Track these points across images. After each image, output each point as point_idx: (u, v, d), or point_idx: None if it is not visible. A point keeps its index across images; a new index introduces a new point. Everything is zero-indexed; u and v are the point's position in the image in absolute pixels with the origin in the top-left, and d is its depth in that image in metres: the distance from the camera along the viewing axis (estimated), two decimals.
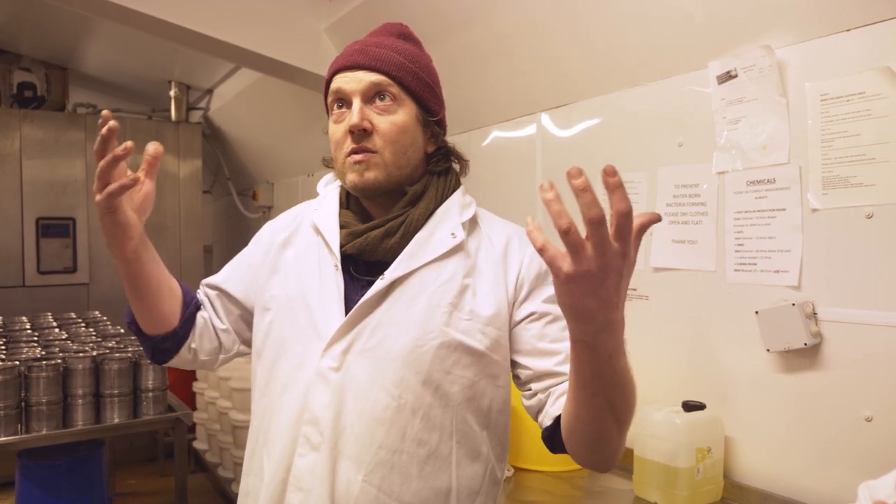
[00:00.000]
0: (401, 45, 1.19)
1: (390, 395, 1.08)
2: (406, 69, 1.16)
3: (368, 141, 1.13)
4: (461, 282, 1.13)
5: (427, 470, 1.09)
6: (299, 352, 1.13)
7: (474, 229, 1.21)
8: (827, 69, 1.64)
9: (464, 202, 1.23)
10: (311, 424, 1.09)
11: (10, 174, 4.59)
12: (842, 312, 1.63)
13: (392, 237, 1.14)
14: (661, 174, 2.07)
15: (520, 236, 1.21)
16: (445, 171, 1.24)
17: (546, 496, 1.94)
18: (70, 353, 2.73)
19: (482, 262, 1.16)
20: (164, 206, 5.03)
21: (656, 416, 1.84)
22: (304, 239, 1.23)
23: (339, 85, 1.15)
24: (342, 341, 1.10)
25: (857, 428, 1.60)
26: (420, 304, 1.11)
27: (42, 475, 2.80)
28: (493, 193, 2.80)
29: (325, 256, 1.17)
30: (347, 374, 1.09)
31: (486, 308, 1.12)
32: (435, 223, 1.17)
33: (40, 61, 5.05)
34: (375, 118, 1.13)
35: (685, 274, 2.00)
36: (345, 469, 1.07)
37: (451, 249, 1.15)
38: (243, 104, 4.72)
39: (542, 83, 2.49)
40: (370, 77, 1.13)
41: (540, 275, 1.17)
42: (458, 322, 1.10)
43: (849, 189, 1.60)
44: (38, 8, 3.87)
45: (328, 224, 1.19)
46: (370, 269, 1.15)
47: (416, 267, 1.13)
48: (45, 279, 4.68)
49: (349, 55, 1.17)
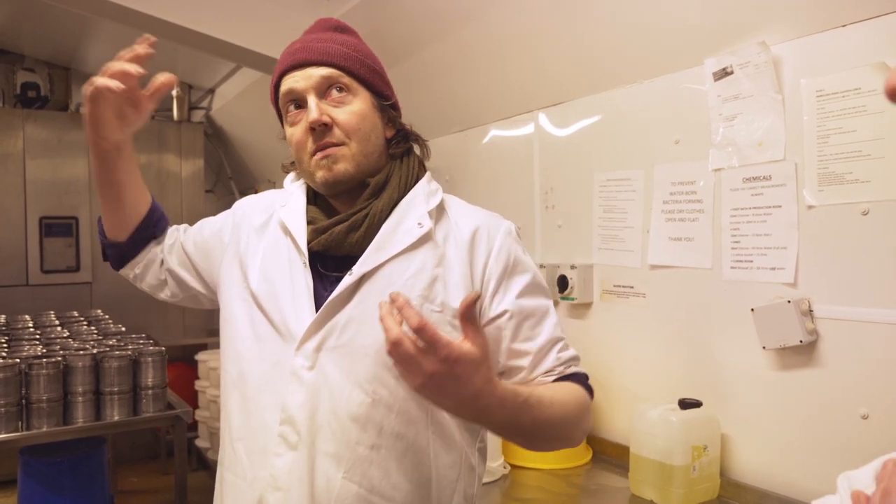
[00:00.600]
0: (340, 38, 1.19)
1: (364, 392, 1.07)
2: (352, 58, 1.16)
3: (331, 136, 1.12)
4: (431, 272, 1.12)
5: (406, 463, 1.09)
6: (273, 350, 1.12)
7: (441, 217, 1.18)
8: (822, 65, 1.64)
9: (430, 189, 1.20)
10: (288, 424, 1.08)
11: (13, 174, 4.61)
12: (838, 310, 1.62)
13: (357, 231, 1.12)
14: (657, 172, 2.07)
15: (488, 226, 1.18)
16: (407, 152, 1.22)
17: (542, 493, 1.94)
18: (70, 351, 2.74)
19: (451, 252, 1.14)
20: (167, 205, 4.97)
21: (652, 413, 1.84)
22: (273, 235, 1.21)
23: (290, 85, 1.14)
24: (313, 339, 1.09)
25: (854, 425, 1.59)
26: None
27: (44, 472, 2.81)
28: (491, 191, 2.80)
29: (294, 254, 1.16)
30: (321, 372, 1.08)
31: (456, 300, 1.10)
32: (401, 213, 1.15)
33: (43, 61, 5.08)
34: (333, 111, 1.13)
35: (681, 271, 2.00)
36: (324, 467, 1.07)
37: (418, 240, 1.13)
38: (245, 103, 4.74)
39: (539, 81, 2.49)
40: (319, 71, 1.13)
41: (508, 267, 1.16)
42: (429, 314, 1.08)
43: (844, 185, 1.60)
44: (40, 9, 3.89)
45: (295, 221, 1.18)
46: (338, 265, 1.13)
47: (383, 260, 1.11)
48: (48, 278, 4.70)
49: (293, 54, 1.16)
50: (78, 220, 4.78)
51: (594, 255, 2.31)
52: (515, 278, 1.16)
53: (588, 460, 2.18)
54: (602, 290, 2.28)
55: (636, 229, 2.15)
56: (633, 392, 2.17)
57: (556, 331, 1.19)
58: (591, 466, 2.15)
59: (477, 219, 1.19)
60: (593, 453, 2.22)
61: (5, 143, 4.58)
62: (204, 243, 1.33)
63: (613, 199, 2.23)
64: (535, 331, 1.16)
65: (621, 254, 2.21)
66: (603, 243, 2.28)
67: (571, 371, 1.18)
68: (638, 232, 2.15)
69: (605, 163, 2.26)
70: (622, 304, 2.21)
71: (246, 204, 1.32)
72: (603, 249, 2.28)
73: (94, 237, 4.77)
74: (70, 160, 4.77)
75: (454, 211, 1.20)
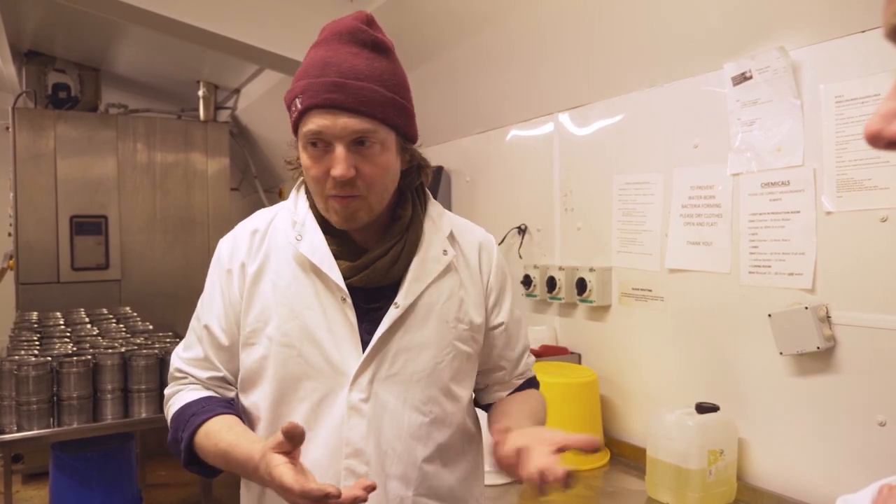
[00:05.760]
0: (379, 67, 1.09)
1: (422, 413, 1.15)
2: (390, 104, 1.08)
3: (352, 188, 1.08)
4: (458, 295, 1.20)
5: (457, 467, 1.21)
6: (316, 388, 1.12)
7: (453, 242, 1.24)
8: (842, 71, 1.63)
9: (437, 213, 1.25)
10: (354, 457, 1.12)
11: (45, 173, 4.72)
12: (855, 316, 1.62)
13: (396, 264, 1.15)
14: (676, 175, 2.07)
15: (485, 244, 1.29)
16: (420, 185, 1.25)
17: (559, 495, 1.95)
18: (100, 350, 2.82)
19: (465, 275, 1.23)
20: (194, 202, 5.13)
21: (669, 417, 1.84)
22: (285, 270, 1.16)
23: (318, 128, 1.06)
24: (366, 373, 1.13)
25: (871, 432, 1.59)
26: (431, 325, 1.17)
27: (74, 467, 2.90)
28: (511, 193, 2.81)
29: (322, 290, 1.13)
30: (377, 401, 1.13)
31: (477, 317, 1.23)
32: (426, 244, 1.19)
33: (74, 63, 5.18)
34: (359, 162, 1.07)
35: (700, 276, 2.00)
36: (395, 489, 1.14)
37: (445, 268, 1.19)
38: (269, 103, 4.79)
39: (560, 84, 2.49)
40: (354, 124, 1.05)
41: (502, 283, 1.29)
42: (461, 334, 1.19)
43: (863, 192, 1.59)
44: (71, 13, 3.98)
45: (321, 257, 1.14)
46: (369, 296, 1.15)
47: (421, 290, 1.16)
48: (78, 275, 4.81)
49: (327, 91, 1.05)
50: (107, 219, 4.87)
51: (613, 257, 2.32)
52: (507, 292, 1.30)
53: (605, 462, 2.19)
54: (621, 293, 2.29)
55: (655, 233, 2.15)
56: (650, 395, 2.18)
57: (527, 338, 1.39)
58: (609, 468, 2.16)
59: (475, 236, 1.28)
60: (611, 455, 2.23)
61: (37, 143, 4.69)
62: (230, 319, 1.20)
63: (632, 203, 2.23)
64: (515, 338, 1.32)
65: (640, 257, 2.21)
66: (622, 246, 2.28)
67: (530, 374, 1.39)
68: (657, 235, 2.15)
69: (625, 166, 2.27)
70: (640, 307, 2.21)
71: (227, 259, 1.20)
72: (622, 252, 2.28)
73: (123, 235, 4.88)
74: (100, 159, 4.86)
75: (458, 234, 1.26)
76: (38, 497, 4.09)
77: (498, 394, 1.35)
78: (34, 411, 2.58)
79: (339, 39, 1.10)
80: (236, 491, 1.31)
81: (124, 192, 4.91)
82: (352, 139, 1.07)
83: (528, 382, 1.38)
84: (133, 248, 4.90)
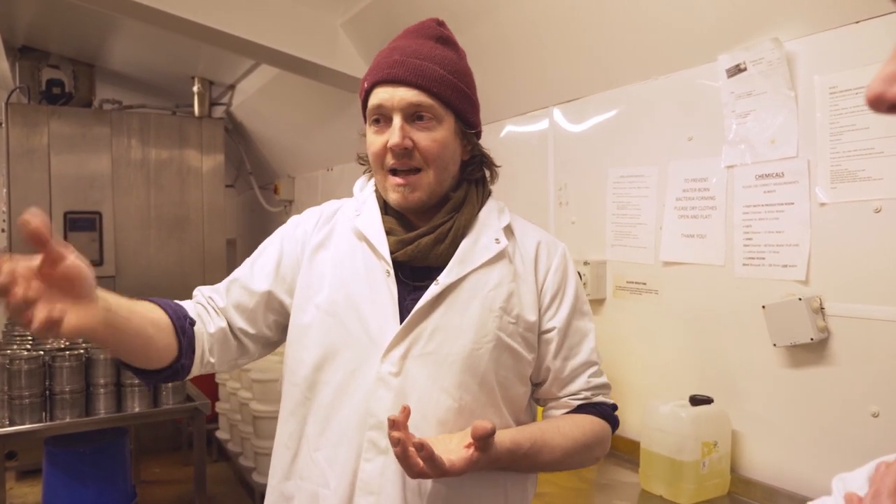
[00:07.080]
0: (440, 53, 1.17)
1: (452, 398, 1.12)
2: (447, 83, 1.15)
3: (410, 158, 1.13)
4: (508, 286, 1.18)
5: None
6: (352, 358, 1.14)
7: (510, 234, 1.24)
8: (836, 62, 1.63)
9: (499, 208, 1.26)
10: (376, 429, 1.11)
11: (39, 169, 4.70)
12: (849, 307, 1.62)
13: (442, 243, 1.16)
14: (671, 168, 2.07)
15: (547, 243, 1.26)
16: (481, 178, 1.26)
17: (554, 488, 1.96)
18: (92, 344, 2.80)
19: (520, 268, 1.21)
20: (188, 199, 5.11)
21: (663, 409, 1.84)
22: (343, 243, 1.21)
23: (379, 101, 1.14)
24: (400, 346, 1.12)
25: (864, 423, 1.59)
26: (474, 309, 1.15)
27: (67, 462, 2.89)
28: (506, 187, 2.79)
29: (374, 263, 1.17)
30: (407, 378, 1.11)
31: (530, 314, 1.19)
32: (478, 230, 1.20)
33: (68, 58, 5.16)
34: (416, 134, 1.13)
35: (694, 268, 2.00)
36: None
37: (495, 255, 1.18)
38: (264, 99, 4.78)
39: (554, 77, 2.49)
40: (411, 96, 1.12)
41: (562, 287, 1.23)
42: (506, 325, 1.16)
43: (857, 183, 1.59)
44: (65, 7, 3.96)
45: (374, 231, 1.18)
46: (415, 275, 1.17)
47: (466, 273, 1.16)
48: None
49: (389, 67, 1.14)
50: (101, 215, 4.85)
51: (607, 251, 2.32)
52: (567, 299, 1.23)
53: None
54: (615, 286, 2.29)
55: (649, 226, 2.15)
56: (644, 388, 2.18)
57: (592, 355, 1.26)
58: (603, 461, 2.16)
59: (538, 236, 1.26)
60: None
61: (31, 139, 4.66)
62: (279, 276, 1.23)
63: (627, 196, 2.23)
64: (573, 351, 1.23)
65: (634, 250, 2.21)
66: (616, 240, 2.28)
67: (598, 399, 1.26)
68: (651, 228, 2.15)
69: (619, 159, 2.26)
70: (635, 300, 2.21)
71: (297, 229, 1.26)
72: (616, 246, 2.28)
73: (117, 231, 4.86)
74: (94, 155, 4.84)
75: (518, 229, 1.26)
76: (31, 494, 4.08)
77: (553, 411, 1.26)
78: (26, 406, 2.58)
79: (408, 35, 1.21)
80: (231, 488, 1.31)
81: (118, 189, 4.89)
82: (409, 112, 1.13)
83: (595, 408, 1.25)
84: (127, 244, 4.87)
